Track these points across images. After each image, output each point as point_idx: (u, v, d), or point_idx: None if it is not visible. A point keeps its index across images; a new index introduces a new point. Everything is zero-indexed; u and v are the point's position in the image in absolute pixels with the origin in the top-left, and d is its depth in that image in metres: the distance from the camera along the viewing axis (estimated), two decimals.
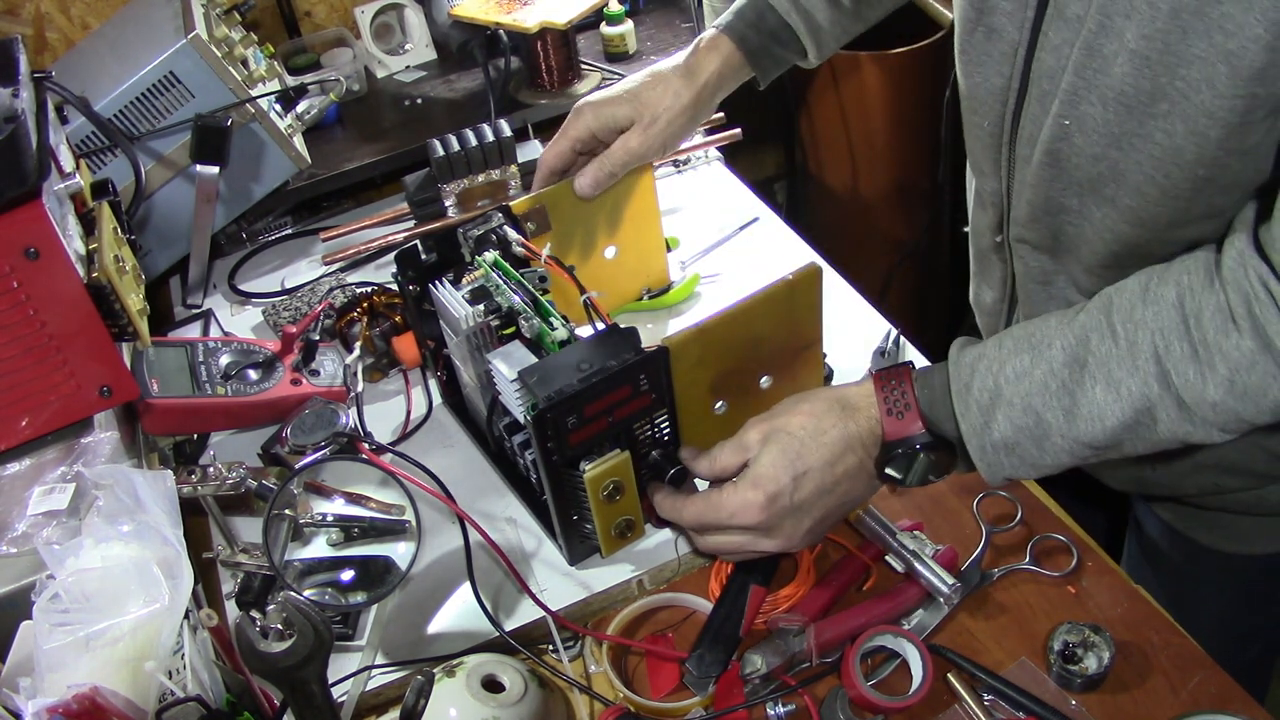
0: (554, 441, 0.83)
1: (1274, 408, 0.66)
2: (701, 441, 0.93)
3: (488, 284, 0.96)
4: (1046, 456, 0.74)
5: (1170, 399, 0.68)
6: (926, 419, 0.79)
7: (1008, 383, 0.74)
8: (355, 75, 1.67)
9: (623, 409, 0.85)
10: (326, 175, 1.52)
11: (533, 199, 1.05)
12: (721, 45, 1.03)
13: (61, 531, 0.84)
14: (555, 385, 0.82)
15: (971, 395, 0.76)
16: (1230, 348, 0.65)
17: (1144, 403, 0.69)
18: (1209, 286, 0.67)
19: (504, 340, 0.94)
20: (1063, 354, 0.72)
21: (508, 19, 1.54)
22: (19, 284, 0.86)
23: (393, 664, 0.89)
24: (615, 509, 0.89)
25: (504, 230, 0.99)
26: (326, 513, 0.95)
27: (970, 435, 0.76)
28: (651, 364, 0.84)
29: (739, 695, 0.83)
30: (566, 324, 0.89)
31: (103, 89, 1.25)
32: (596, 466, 0.85)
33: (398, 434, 1.12)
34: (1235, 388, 0.66)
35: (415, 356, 1.14)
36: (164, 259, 1.38)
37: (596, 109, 1.03)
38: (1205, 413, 0.68)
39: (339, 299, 1.23)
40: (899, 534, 0.89)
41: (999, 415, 0.74)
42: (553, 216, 1.06)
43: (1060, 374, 0.72)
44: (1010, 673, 0.82)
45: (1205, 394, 0.67)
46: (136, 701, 0.66)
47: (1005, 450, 0.75)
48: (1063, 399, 0.72)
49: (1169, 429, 0.70)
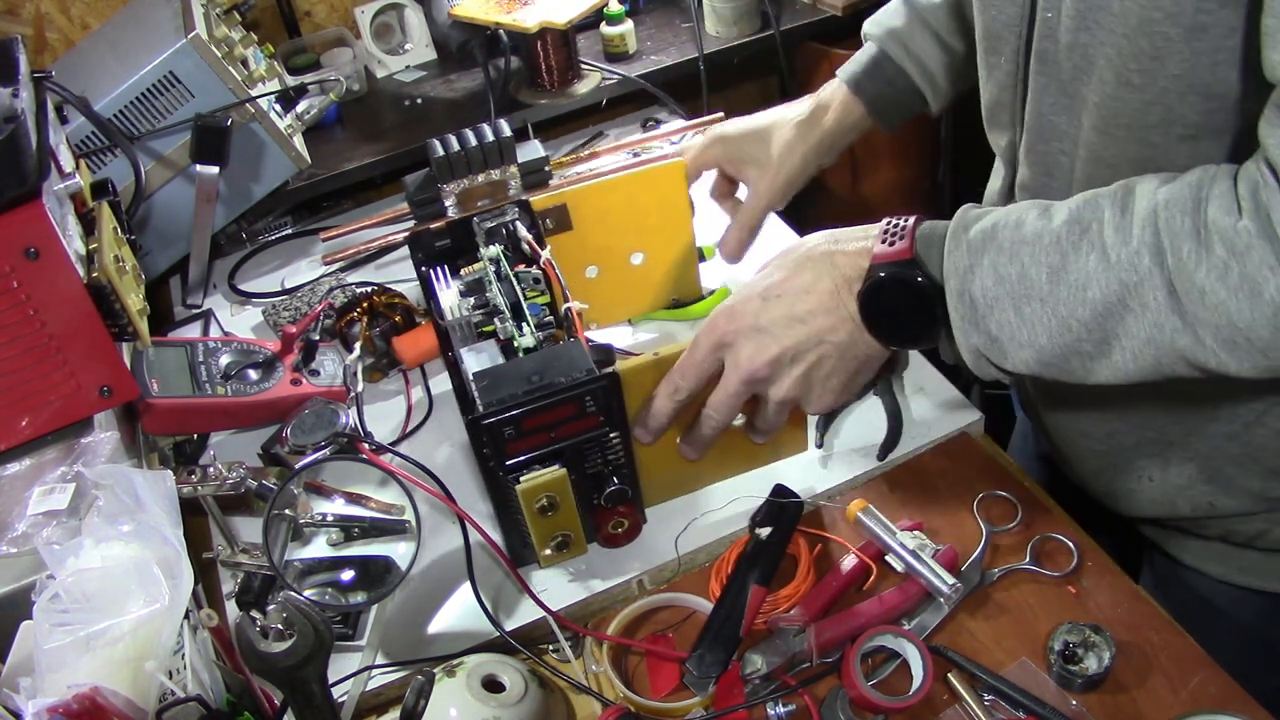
0: (491, 449, 0.82)
1: (1272, 316, 0.60)
2: (661, 472, 0.93)
3: (485, 278, 0.96)
4: (1022, 330, 0.69)
5: (1160, 279, 0.63)
6: (917, 252, 0.74)
7: (1004, 227, 0.70)
8: (355, 75, 1.67)
9: (565, 428, 0.83)
10: (326, 175, 1.52)
11: (554, 196, 1.04)
12: (841, 94, 1.08)
13: (61, 531, 0.84)
14: (500, 393, 0.81)
15: (966, 235, 0.72)
16: (1228, 227, 0.61)
17: (1132, 276, 0.64)
18: (1227, 175, 0.63)
19: (483, 337, 0.94)
20: (1067, 213, 0.68)
21: (508, 19, 1.54)
22: (19, 284, 0.86)
23: (393, 664, 0.89)
24: (550, 523, 0.88)
25: (515, 225, 0.99)
26: (326, 513, 0.95)
27: (951, 274, 0.72)
28: (598, 387, 0.82)
29: (739, 695, 0.83)
30: (537, 333, 0.89)
31: (103, 89, 1.25)
32: (530, 480, 0.84)
33: (397, 434, 1.12)
34: (1229, 276, 0.60)
35: (415, 356, 1.14)
36: (164, 259, 1.38)
37: (727, 144, 1.10)
38: (1194, 304, 0.62)
39: (339, 299, 1.23)
40: (899, 534, 0.89)
41: (985, 260, 0.70)
42: (574, 216, 1.06)
43: (1058, 230, 0.68)
44: (1010, 673, 0.82)
45: (1196, 278, 0.61)
46: (136, 701, 0.66)
47: (985, 307, 0.71)
48: (1052, 256, 0.67)
49: (1155, 320, 0.64)
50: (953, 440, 1.02)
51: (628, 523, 0.92)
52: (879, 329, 0.78)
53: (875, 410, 1.06)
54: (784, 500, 0.93)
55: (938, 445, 1.02)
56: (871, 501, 0.93)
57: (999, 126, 0.89)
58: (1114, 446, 0.93)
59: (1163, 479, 0.91)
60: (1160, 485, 0.92)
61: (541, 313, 0.93)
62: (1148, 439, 0.90)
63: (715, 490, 0.99)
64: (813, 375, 0.81)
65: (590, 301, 1.02)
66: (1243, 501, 0.88)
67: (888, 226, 0.77)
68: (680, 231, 1.13)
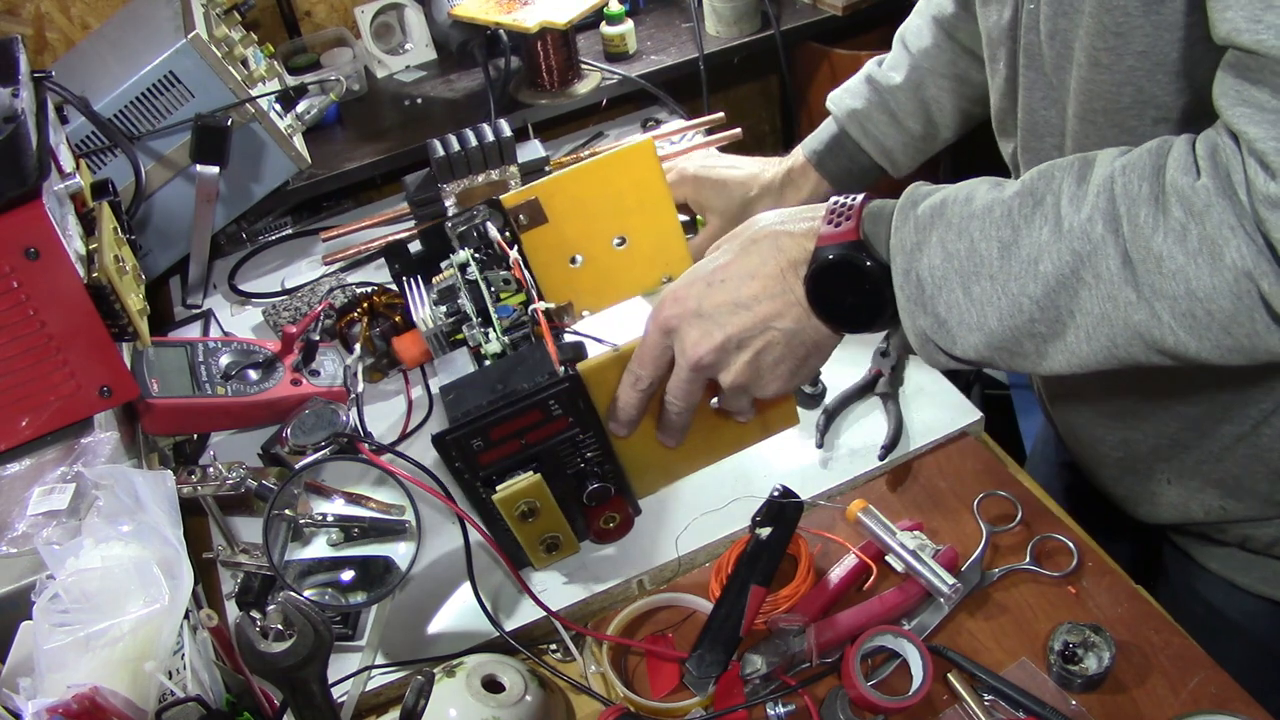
0: (462, 463, 0.82)
1: (1233, 282, 0.56)
2: (648, 462, 0.92)
3: (456, 284, 0.94)
4: (971, 311, 0.66)
5: (1115, 247, 0.59)
6: (865, 232, 0.71)
7: (954, 203, 0.67)
8: (355, 75, 1.67)
9: (535, 433, 0.83)
10: (326, 175, 1.52)
11: (524, 192, 1.03)
12: (809, 173, 1.12)
13: (61, 531, 0.84)
14: (465, 406, 0.80)
15: (914, 211, 0.69)
16: (1186, 186, 0.57)
17: (1085, 245, 0.60)
18: (1186, 140, 0.60)
19: (455, 345, 0.93)
20: (1020, 185, 0.65)
21: (508, 19, 1.54)
22: (19, 284, 0.86)
23: (393, 664, 0.89)
24: (534, 528, 0.88)
25: (485, 226, 0.97)
26: (326, 513, 0.95)
27: (897, 251, 0.68)
28: (560, 390, 0.82)
29: (739, 695, 0.83)
30: (502, 337, 0.88)
31: (103, 89, 1.25)
32: (506, 489, 0.83)
33: (397, 434, 1.12)
34: (1188, 238, 0.57)
35: (415, 356, 1.14)
36: (164, 259, 1.38)
37: (694, 186, 1.13)
38: (1150, 273, 0.58)
39: (339, 299, 1.23)
40: (899, 534, 0.89)
41: (934, 237, 0.67)
42: (548, 209, 1.05)
43: (1010, 203, 0.64)
44: (1010, 673, 0.82)
45: (1153, 243, 0.58)
46: (136, 701, 0.66)
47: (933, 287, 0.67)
48: (1003, 230, 0.64)
49: (1108, 293, 0.60)
50: (953, 440, 1.02)
51: (619, 517, 0.92)
52: (826, 313, 0.74)
53: (875, 410, 1.06)
54: (784, 500, 0.93)
55: (938, 445, 1.02)
56: (871, 501, 0.93)
57: (1005, 134, 0.89)
58: (1130, 453, 0.94)
59: (1179, 482, 0.91)
60: (1177, 489, 0.92)
61: (516, 313, 0.92)
62: (1162, 445, 0.90)
63: (715, 490, 0.99)
64: (760, 362, 0.77)
65: (580, 288, 1.01)
66: (1252, 506, 0.88)
67: (834, 206, 0.73)
68: (660, 209, 1.12)
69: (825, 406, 1.05)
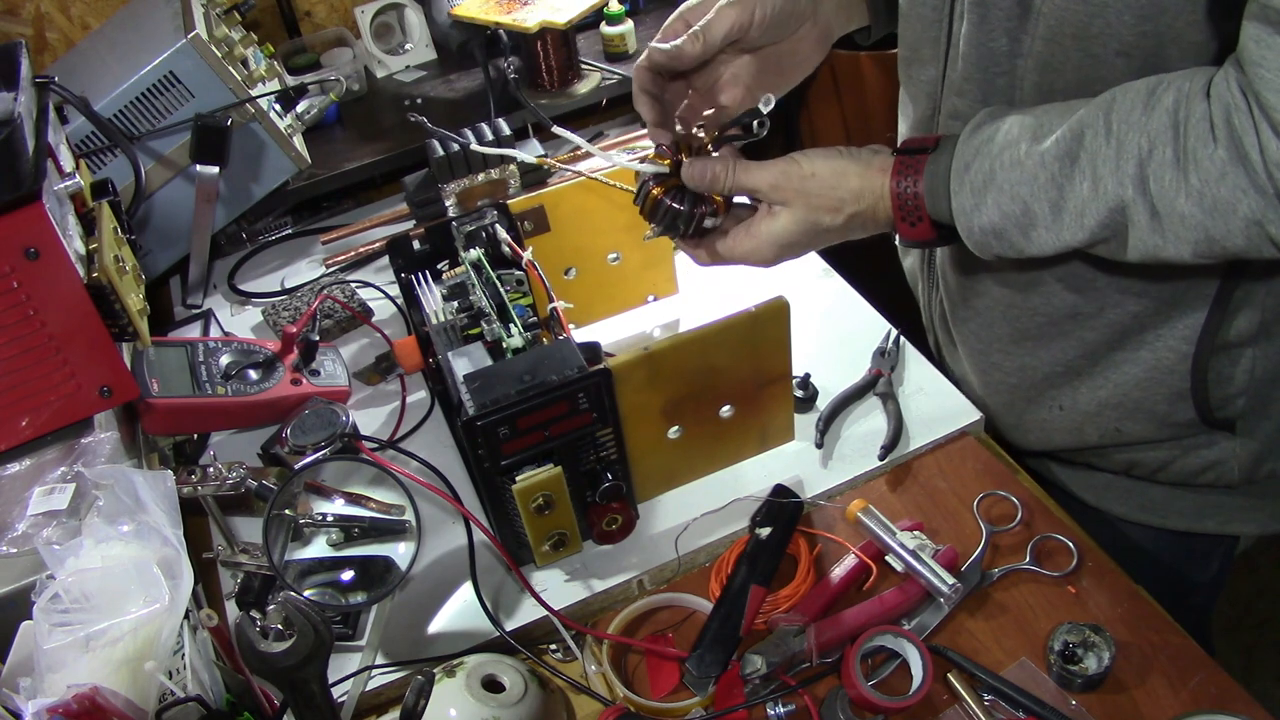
0: (486, 450, 0.82)
1: (1244, 228, 0.65)
2: (652, 466, 0.92)
3: (468, 281, 0.96)
4: (1032, 245, 0.75)
5: (1144, 205, 0.68)
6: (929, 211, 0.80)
7: (1002, 169, 0.75)
8: (355, 75, 1.67)
9: (559, 425, 0.84)
10: (326, 175, 1.52)
11: (531, 198, 1.04)
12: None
13: (61, 531, 0.84)
14: (494, 394, 0.81)
15: (968, 176, 0.77)
16: (1205, 157, 0.64)
17: (1119, 203, 0.69)
18: (1202, 97, 0.66)
19: (469, 340, 0.94)
20: (1056, 147, 0.72)
21: (508, 19, 1.54)
22: (19, 284, 0.86)
23: (393, 664, 0.89)
24: (546, 522, 0.88)
25: (494, 228, 0.99)
26: (326, 513, 0.95)
27: (960, 214, 0.77)
28: (591, 383, 0.83)
29: (739, 695, 0.83)
30: (525, 333, 0.89)
31: (103, 89, 1.25)
32: (526, 479, 0.84)
33: (389, 434, 1.12)
34: (1205, 200, 0.65)
35: (414, 361, 1.14)
36: (164, 259, 1.38)
37: None
38: (1175, 226, 0.67)
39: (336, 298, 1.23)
40: (899, 534, 0.89)
41: (989, 199, 0.75)
42: (551, 217, 1.06)
43: (1051, 167, 0.72)
44: (1010, 673, 0.82)
45: (1176, 204, 0.66)
46: (136, 701, 0.66)
47: (994, 235, 0.76)
48: (1050, 192, 0.72)
49: (1142, 238, 0.69)
50: (953, 440, 1.02)
51: (621, 519, 0.92)
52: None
53: (875, 410, 1.06)
54: (784, 500, 0.93)
55: (938, 445, 1.02)
56: (871, 501, 0.93)
57: (920, 63, 0.89)
58: (1024, 380, 0.96)
59: (1072, 406, 0.94)
60: (1070, 413, 0.95)
61: (525, 314, 0.94)
62: (1057, 371, 0.93)
63: (715, 490, 0.99)
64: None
65: (571, 301, 1.02)
66: (1148, 428, 0.91)
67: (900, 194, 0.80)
68: None
69: (820, 412, 1.05)
